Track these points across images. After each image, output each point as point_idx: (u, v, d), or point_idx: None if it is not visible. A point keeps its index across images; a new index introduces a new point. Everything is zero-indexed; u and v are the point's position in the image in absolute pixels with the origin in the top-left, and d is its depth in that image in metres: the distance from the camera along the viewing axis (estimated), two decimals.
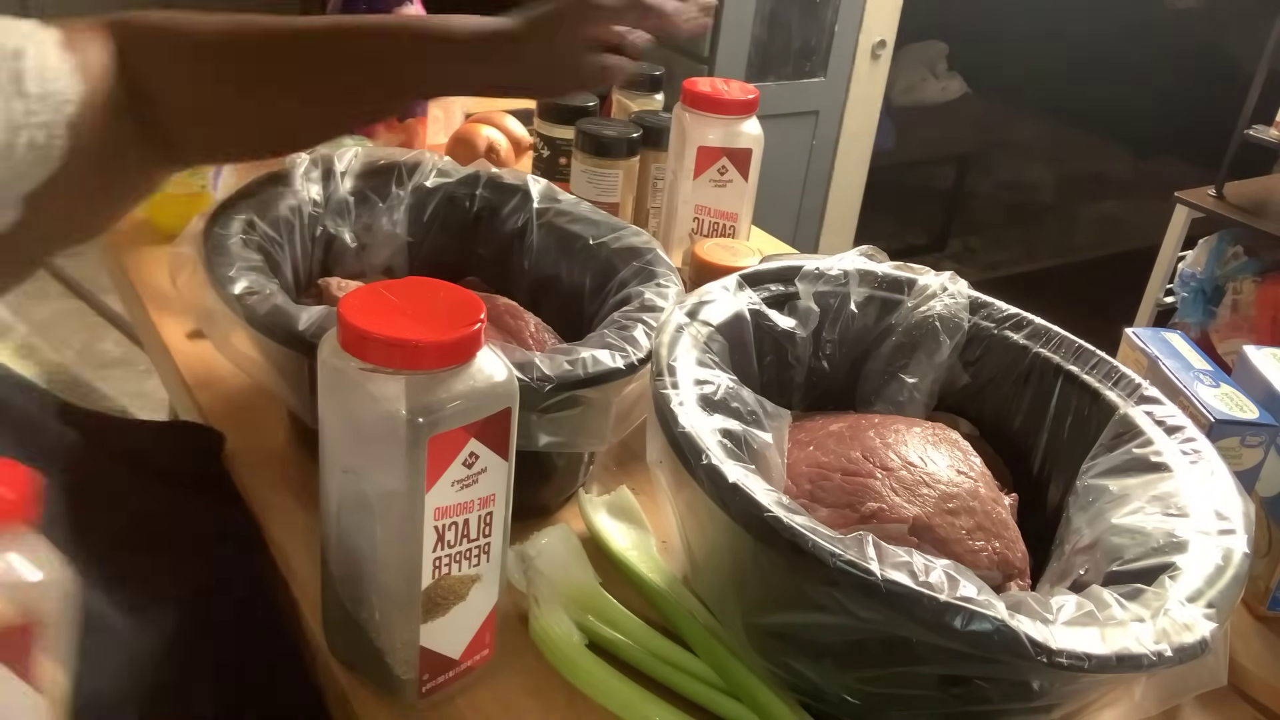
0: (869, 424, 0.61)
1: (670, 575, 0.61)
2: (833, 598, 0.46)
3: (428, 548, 0.48)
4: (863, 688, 0.50)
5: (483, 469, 0.48)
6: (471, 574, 0.50)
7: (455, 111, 1.26)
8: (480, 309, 0.48)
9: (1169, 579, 0.48)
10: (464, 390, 0.46)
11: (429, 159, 0.81)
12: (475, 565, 0.50)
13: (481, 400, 0.47)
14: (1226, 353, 2.32)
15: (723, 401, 0.56)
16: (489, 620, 0.53)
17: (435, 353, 0.46)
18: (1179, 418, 0.60)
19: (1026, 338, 0.67)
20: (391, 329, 0.45)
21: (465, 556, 0.50)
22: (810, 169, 2.45)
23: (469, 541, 0.50)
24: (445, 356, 0.46)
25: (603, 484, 0.70)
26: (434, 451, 0.46)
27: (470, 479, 0.48)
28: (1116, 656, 0.43)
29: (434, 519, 0.47)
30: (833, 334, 0.69)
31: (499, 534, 0.51)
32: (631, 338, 0.62)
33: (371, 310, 0.46)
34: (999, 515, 0.57)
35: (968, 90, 3.73)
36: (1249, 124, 2.32)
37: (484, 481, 0.49)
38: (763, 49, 2.22)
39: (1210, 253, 2.45)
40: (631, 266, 0.73)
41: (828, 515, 0.56)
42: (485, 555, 0.51)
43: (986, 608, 0.43)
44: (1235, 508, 0.53)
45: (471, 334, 0.47)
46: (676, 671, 0.55)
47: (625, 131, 1.00)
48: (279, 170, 0.74)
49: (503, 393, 0.48)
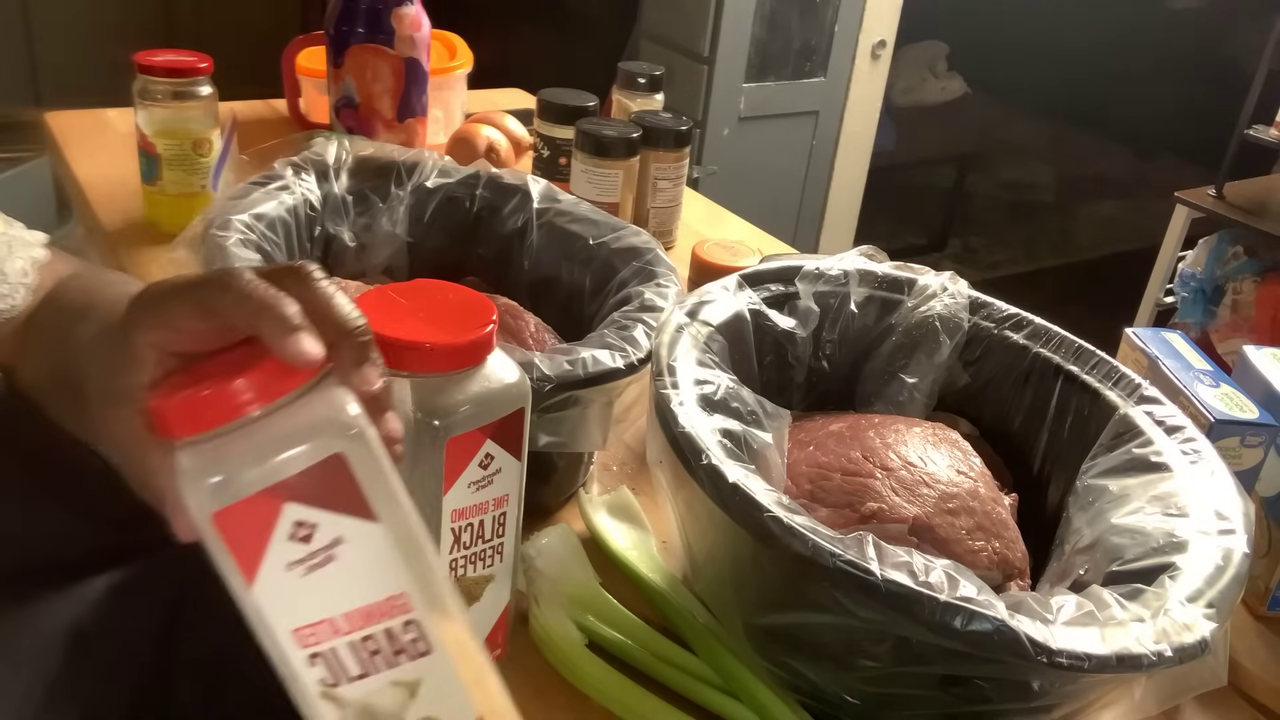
0: (869, 424, 0.61)
1: (670, 575, 0.61)
2: (833, 598, 0.45)
3: (444, 550, 0.48)
4: (863, 688, 0.50)
5: (498, 470, 0.48)
6: (485, 574, 0.50)
7: (455, 111, 1.26)
8: (492, 311, 0.48)
9: (1169, 579, 0.48)
10: (479, 392, 0.46)
11: (429, 159, 0.81)
12: (489, 566, 0.50)
13: (497, 401, 0.47)
14: (1226, 353, 2.32)
15: (723, 401, 0.56)
16: (501, 620, 0.53)
17: (450, 355, 0.45)
18: (1179, 418, 0.60)
19: (1026, 338, 0.67)
20: (404, 332, 0.45)
21: (480, 557, 0.50)
22: (810, 169, 2.45)
23: (483, 542, 0.49)
24: (460, 359, 0.46)
25: (603, 484, 0.69)
26: (451, 454, 0.46)
27: (486, 480, 0.48)
28: (1116, 656, 0.43)
29: (451, 521, 0.47)
30: (833, 334, 0.68)
31: (511, 534, 0.51)
32: (631, 338, 0.62)
33: (382, 314, 0.46)
34: (999, 515, 0.57)
35: (968, 90, 3.72)
36: (1249, 124, 2.31)
37: (499, 482, 0.49)
38: (763, 49, 2.22)
39: (1210, 253, 2.45)
40: (631, 266, 0.73)
41: (828, 515, 0.55)
42: (499, 555, 0.51)
43: (986, 608, 0.43)
44: (1235, 508, 0.53)
45: (485, 336, 0.47)
46: (676, 671, 0.55)
47: (625, 131, 1.00)
48: (277, 170, 0.74)
49: (516, 393, 0.48)
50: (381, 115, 1.07)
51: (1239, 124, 2.31)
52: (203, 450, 0.35)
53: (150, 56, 0.92)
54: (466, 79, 1.28)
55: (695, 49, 2.18)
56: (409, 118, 1.09)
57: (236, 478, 0.34)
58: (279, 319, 0.37)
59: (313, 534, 0.36)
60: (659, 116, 1.07)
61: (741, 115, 2.25)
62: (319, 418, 0.36)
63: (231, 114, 1.05)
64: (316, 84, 1.18)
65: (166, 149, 0.94)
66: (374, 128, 1.08)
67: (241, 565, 0.35)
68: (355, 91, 1.06)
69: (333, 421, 0.36)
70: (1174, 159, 3.71)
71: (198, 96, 0.93)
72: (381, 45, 1.04)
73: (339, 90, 1.07)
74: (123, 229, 0.97)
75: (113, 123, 1.19)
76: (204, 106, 0.94)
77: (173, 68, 0.92)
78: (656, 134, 1.03)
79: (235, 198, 0.71)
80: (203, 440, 0.35)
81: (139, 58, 0.92)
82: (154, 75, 0.92)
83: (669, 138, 1.04)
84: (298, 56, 1.18)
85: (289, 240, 0.72)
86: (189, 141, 0.94)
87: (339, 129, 1.08)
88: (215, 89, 0.95)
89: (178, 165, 0.95)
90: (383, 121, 1.08)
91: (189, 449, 0.35)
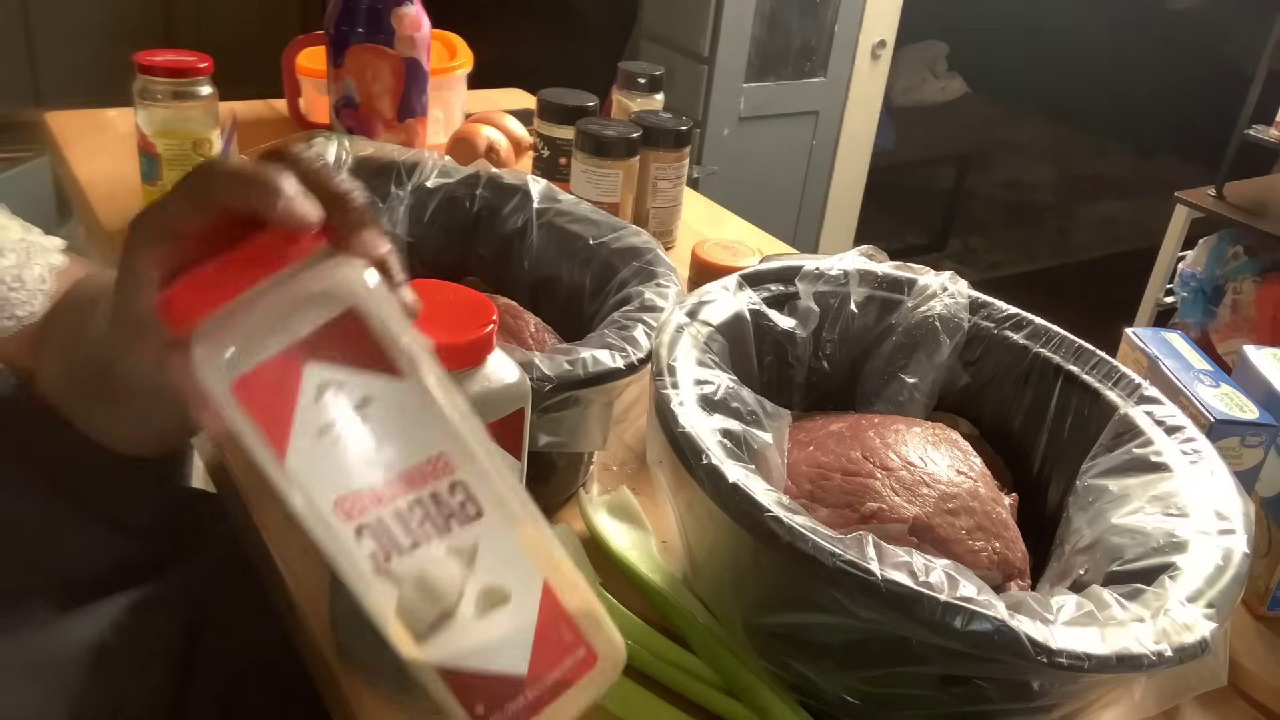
0: (869, 424, 0.61)
1: (670, 575, 0.61)
2: (833, 598, 0.46)
3: None
4: (863, 688, 0.50)
5: None
6: None
7: (455, 111, 1.26)
8: (492, 311, 0.48)
9: (1169, 579, 0.48)
10: (479, 392, 0.46)
11: (429, 159, 0.81)
12: None
13: (497, 401, 0.47)
14: (1226, 353, 2.32)
15: (723, 401, 0.56)
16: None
17: (450, 355, 0.45)
18: (1179, 418, 0.60)
19: (1026, 338, 0.67)
20: None
21: None
22: (810, 169, 2.45)
23: None
24: (461, 358, 0.46)
25: (603, 484, 0.70)
26: None
27: None
28: (1116, 656, 0.43)
29: None
30: (833, 334, 0.69)
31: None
32: (631, 338, 0.62)
33: None
34: (999, 515, 0.57)
35: (968, 90, 3.73)
36: (1249, 124, 2.32)
37: None
38: (763, 49, 2.22)
39: (1210, 253, 2.45)
40: (631, 266, 0.73)
41: (828, 515, 0.56)
42: None
43: (986, 608, 0.43)
44: (1235, 508, 0.53)
45: (485, 336, 0.46)
46: (677, 671, 0.55)
47: (625, 131, 1.00)
48: None
49: (517, 393, 0.48)
50: (381, 115, 1.07)
51: (1239, 124, 2.31)
52: (215, 332, 0.35)
53: (150, 56, 0.92)
54: (466, 79, 1.28)
55: (695, 49, 2.18)
56: (409, 118, 1.09)
57: (250, 344, 0.34)
58: (270, 187, 0.37)
59: (339, 395, 0.35)
60: (659, 116, 1.07)
61: (741, 115, 2.25)
62: (328, 278, 0.35)
63: (231, 114, 1.05)
64: (316, 84, 1.18)
65: (166, 149, 0.94)
66: (374, 128, 1.08)
67: (271, 436, 0.34)
68: (355, 91, 1.06)
69: (344, 279, 0.35)
70: (1174, 159, 3.72)
71: (198, 96, 0.94)
72: (381, 45, 1.04)
73: (339, 90, 1.07)
74: (123, 229, 0.97)
75: (113, 123, 1.19)
76: (204, 106, 0.94)
77: (173, 68, 0.92)
78: (656, 134, 1.03)
79: None
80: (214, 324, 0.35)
81: (139, 58, 0.92)
82: (154, 75, 0.92)
83: (669, 138, 1.04)
84: (298, 56, 1.18)
85: None
86: (189, 141, 0.94)
87: (339, 129, 1.08)
88: (215, 89, 0.95)
89: (178, 165, 0.95)
90: (383, 121, 1.08)
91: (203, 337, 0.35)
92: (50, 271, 0.57)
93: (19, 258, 0.56)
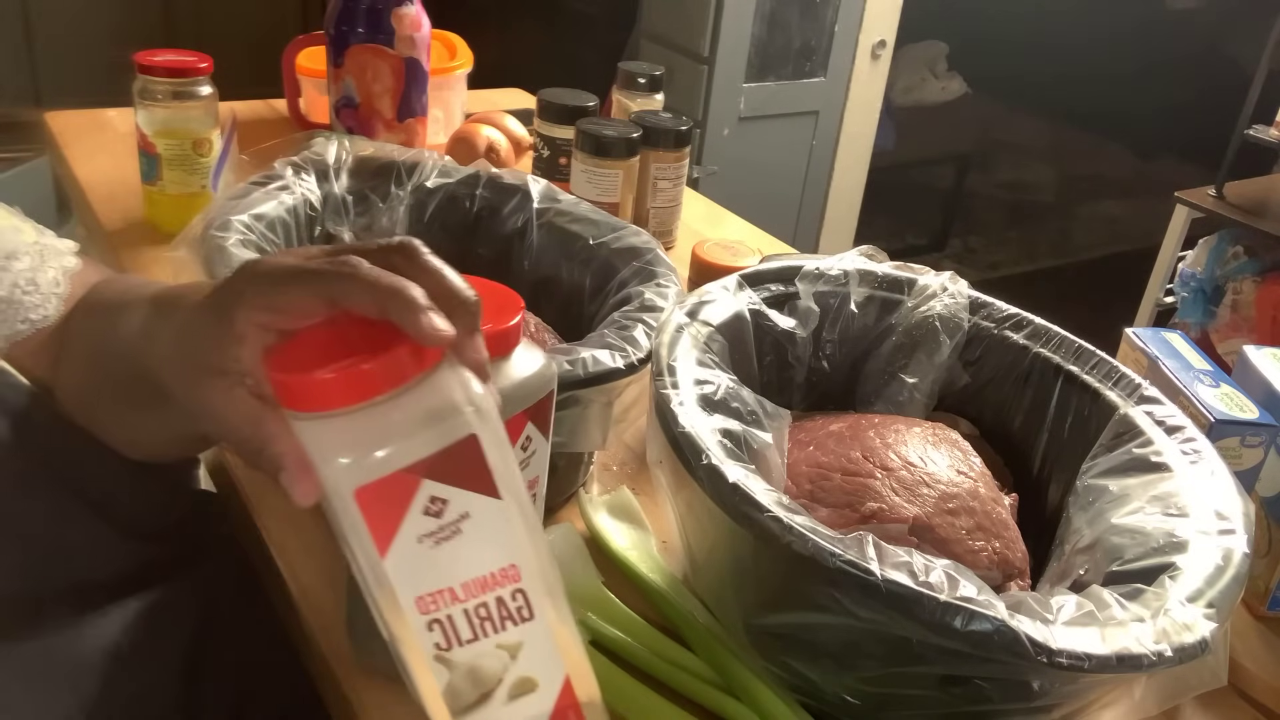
0: (869, 424, 0.61)
1: (670, 575, 0.61)
2: (833, 598, 0.46)
3: None
4: (863, 688, 0.50)
5: (534, 452, 0.50)
6: None
7: (455, 111, 1.26)
8: (520, 302, 0.49)
9: (1169, 579, 0.48)
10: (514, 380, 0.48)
11: (429, 159, 0.81)
12: None
13: (535, 384, 0.49)
14: (1226, 353, 2.32)
15: (723, 401, 0.56)
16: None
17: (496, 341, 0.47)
18: (1179, 418, 0.60)
19: (1026, 338, 0.67)
20: None
21: None
22: (810, 169, 2.45)
23: None
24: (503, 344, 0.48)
25: (603, 484, 0.70)
26: None
27: (524, 462, 0.50)
28: (1116, 656, 0.43)
29: None
30: (833, 334, 0.69)
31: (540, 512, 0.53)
32: (631, 338, 0.62)
33: None
34: (999, 515, 0.57)
35: (968, 90, 3.73)
36: (1249, 124, 2.32)
37: (534, 464, 0.51)
38: (762, 49, 2.22)
39: (1210, 253, 2.45)
40: (631, 266, 0.73)
41: (828, 515, 0.56)
42: None
43: (986, 608, 0.43)
44: (1235, 508, 0.53)
45: (515, 327, 0.48)
46: (677, 670, 0.55)
47: (625, 131, 1.00)
48: (276, 170, 0.74)
49: (548, 374, 0.50)
50: (381, 115, 1.07)
51: (1239, 124, 2.31)
52: (335, 425, 0.37)
53: (150, 56, 0.92)
54: (466, 79, 1.28)
55: (695, 49, 2.18)
56: (409, 118, 1.09)
57: (378, 456, 0.36)
58: (409, 303, 0.38)
59: (444, 509, 0.38)
60: (659, 116, 1.07)
61: (741, 115, 2.25)
62: (453, 399, 0.38)
63: (231, 114, 1.05)
64: (316, 84, 1.18)
65: (167, 149, 0.94)
66: (374, 128, 1.08)
67: (376, 537, 0.37)
68: (355, 91, 1.06)
69: (466, 402, 0.38)
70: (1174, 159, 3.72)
71: (198, 96, 0.93)
72: (381, 45, 1.04)
73: (339, 90, 1.07)
74: (123, 229, 0.97)
75: (113, 123, 1.19)
76: (204, 106, 0.94)
77: (173, 68, 0.92)
78: (656, 134, 1.03)
79: (235, 198, 0.71)
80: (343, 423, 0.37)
81: (139, 58, 0.92)
82: (154, 75, 0.92)
83: (669, 138, 1.04)
84: (298, 56, 1.18)
85: (289, 241, 0.72)
86: (189, 141, 0.94)
87: (339, 129, 1.08)
88: (215, 89, 0.95)
89: (178, 165, 0.95)
90: (383, 121, 1.08)
91: (316, 421, 0.37)
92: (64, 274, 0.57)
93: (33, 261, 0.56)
